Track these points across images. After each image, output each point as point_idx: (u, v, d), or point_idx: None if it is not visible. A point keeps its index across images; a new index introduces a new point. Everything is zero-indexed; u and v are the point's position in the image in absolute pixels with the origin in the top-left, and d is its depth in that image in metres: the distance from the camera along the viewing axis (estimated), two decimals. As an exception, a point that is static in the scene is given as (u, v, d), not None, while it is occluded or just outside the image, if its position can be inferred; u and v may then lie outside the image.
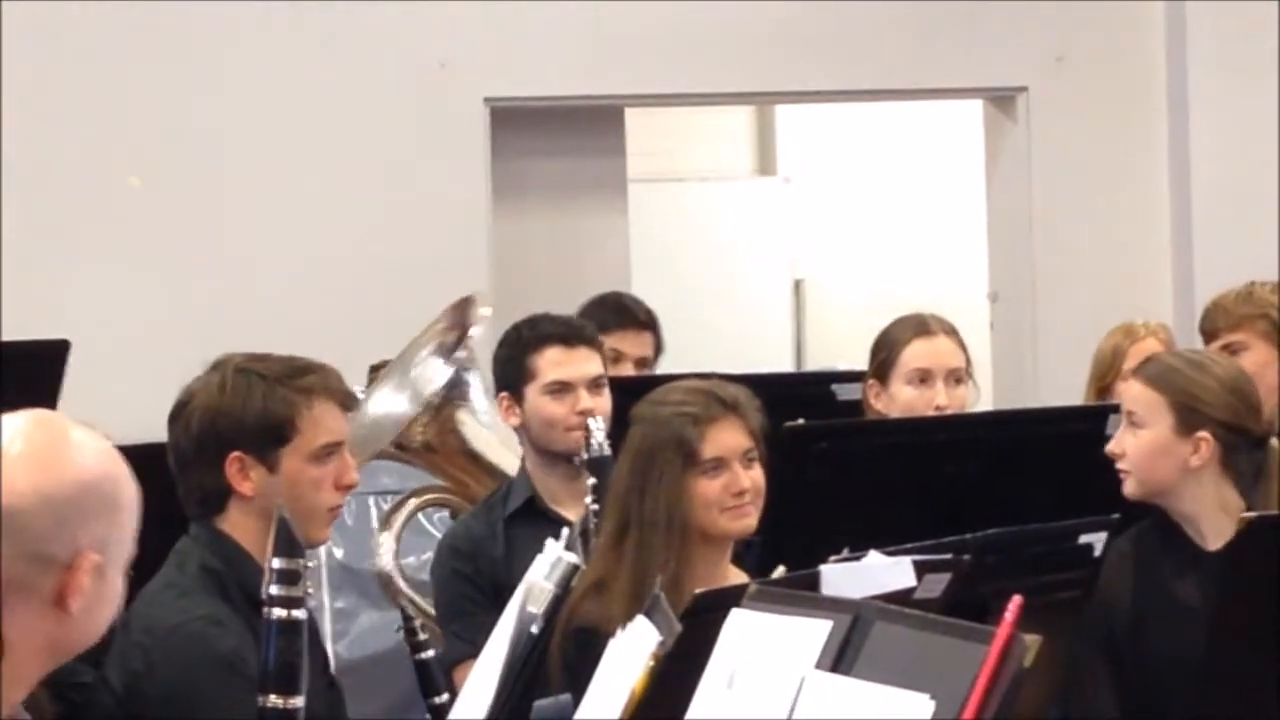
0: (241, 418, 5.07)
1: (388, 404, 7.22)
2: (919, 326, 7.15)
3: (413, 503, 7.08)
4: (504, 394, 6.68)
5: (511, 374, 6.66)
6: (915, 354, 7.07)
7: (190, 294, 10.53)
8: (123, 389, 8.47)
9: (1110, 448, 5.83)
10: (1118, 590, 5.73)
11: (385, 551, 6.96)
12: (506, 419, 6.80)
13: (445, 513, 7.40)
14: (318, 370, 5.24)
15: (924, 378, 7.04)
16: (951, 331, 7.18)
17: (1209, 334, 7.40)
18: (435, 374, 6.84)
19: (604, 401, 6.47)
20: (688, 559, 5.50)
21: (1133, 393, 5.95)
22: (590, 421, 6.28)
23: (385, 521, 7.06)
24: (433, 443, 7.07)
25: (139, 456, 6.37)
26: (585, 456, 6.20)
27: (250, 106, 11.04)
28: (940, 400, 6.95)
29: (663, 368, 8.19)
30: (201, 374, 5.24)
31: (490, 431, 7.15)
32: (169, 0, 10.95)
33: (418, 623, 5.44)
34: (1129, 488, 5.82)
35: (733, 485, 5.57)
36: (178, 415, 5.21)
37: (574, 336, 6.73)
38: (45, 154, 10.81)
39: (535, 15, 11.32)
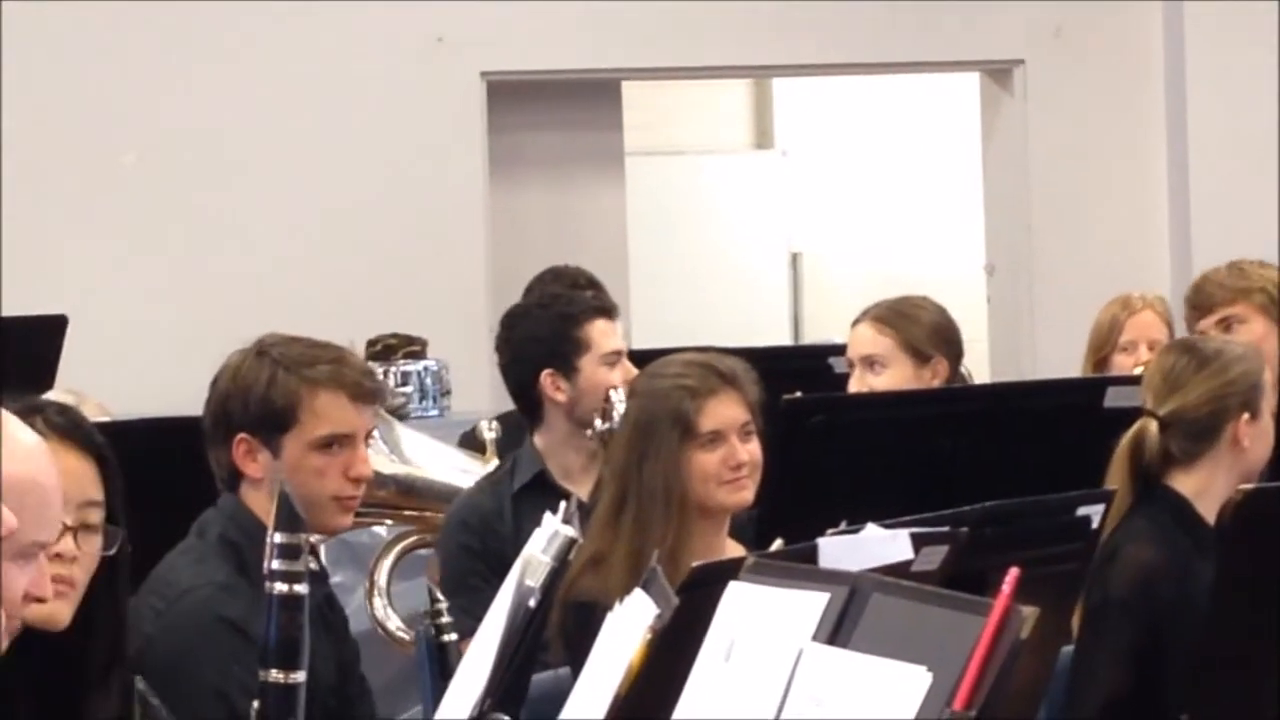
0: (246, 402, 5.13)
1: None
2: (861, 313, 7.23)
3: (393, 554, 7.07)
4: (548, 371, 6.62)
5: (559, 347, 6.63)
6: (850, 342, 7.18)
7: (188, 269, 10.55)
8: (122, 363, 8.47)
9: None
10: (1161, 573, 5.73)
11: (378, 607, 6.98)
12: (552, 395, 6.71)
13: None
14: (334, 360, 5.26)
15: (851, 366, 7.13)
16: (883, 318, 7.17)
17: (1204, 308, 7.34)
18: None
19: (619, 374, 6.50)
20: (685, 532, 5.49)
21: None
22: (613, 393, 6.32)
23: (370, 577, 7.05)
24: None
25: (140, 433, 6.44)
26: (605, 427, 6.23)
27: (248, 83, 11.05)
28: (855, 387, 7.07)
29: (659, 342, 8.17)
30: (239, 352, 5.27)
31: (421, 460, 7.17)
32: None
33: (443, 606, 5.45)
34: None
35: (730, 458, 5.57)
36: (209, 391, 5.27)
37: (610, 310, 6.78)
38: (44, 132, 10.83)
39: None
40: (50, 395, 5.70)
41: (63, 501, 3.03)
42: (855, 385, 7.02)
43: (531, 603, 4.30)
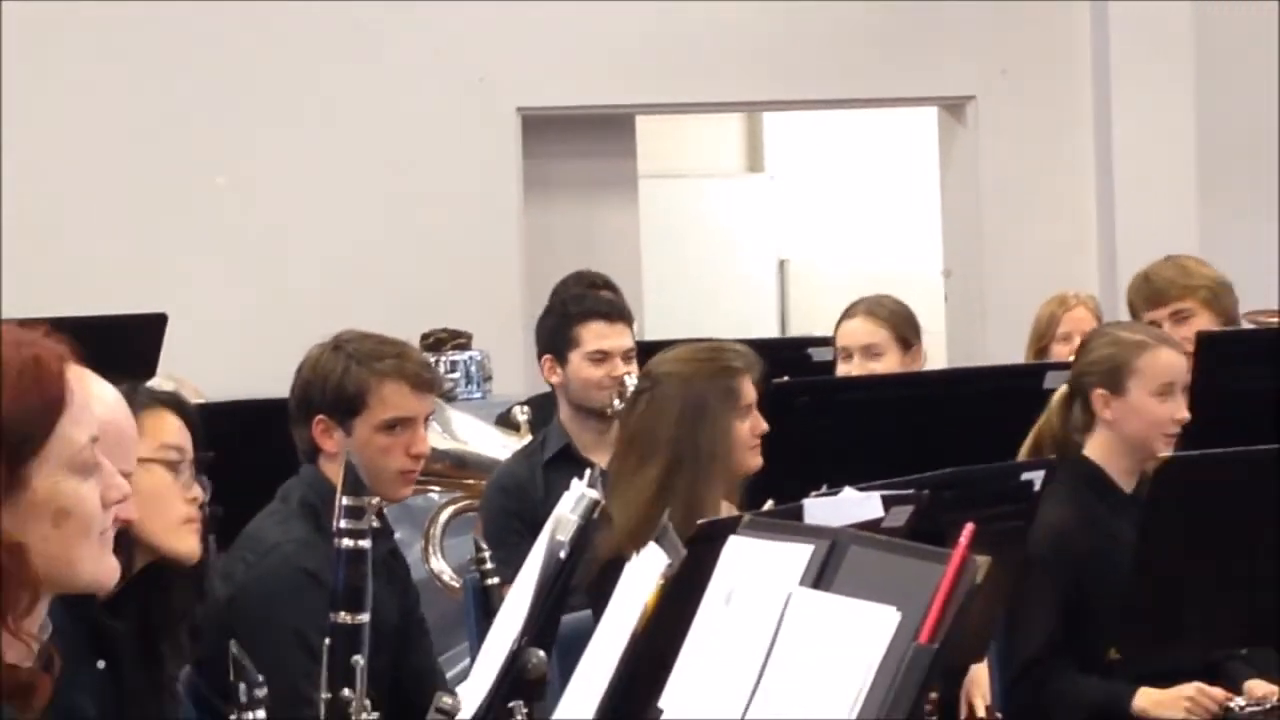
0: (324, 389, 5.22)
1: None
2: (849, 309, 7.25)
3: (444, 515, 7.09)
4: (548, 356, 6.68)
5: (557, 340, 6.65)
6: (841, 333, 7.19)
7: (272, 274, 10.54)
8: (217, 353, 8.46)
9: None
10: (1072, 524, 5.72)
11: (432, 559, 7.01)
12: (547, 377, 6.81)
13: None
14: (397, 355, 5.33)
15: (846, 352, 7.13)
16: (874, 312, 7.21)
17: (1156, 302, 7.22)
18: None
19: (634, 367, 6.48)
20: (721, 492, 5.55)
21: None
22: (626, 378, 6.34)
23: (426, 534, 7.08)
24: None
25: (231, 413, 6.43)
26: (621, 407, 6.22)
27: (321, 117, 11.05)
28: (856, 372, 7.05)
29: (667, 335, 8.18)
30: (318, 346, 5.35)
31: (468, 437, 7.18)
32: (254, 31, 10.95)
33: (488, 556, 5.47)
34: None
35: (756, 427, 5.63)
36: (294, 379, 5.34)
37: (614, 313, 6.77)
38: (154, 158, 10.81)
39: (559, 38, 11.31)
40: (152, 382, 5.73)
41: (138, 441, 3.27)
42: (856, 370, 7.02)
43: (562, 554, 4.30)
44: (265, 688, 3.30)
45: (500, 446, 7.09)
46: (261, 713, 3.33)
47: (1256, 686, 5.68)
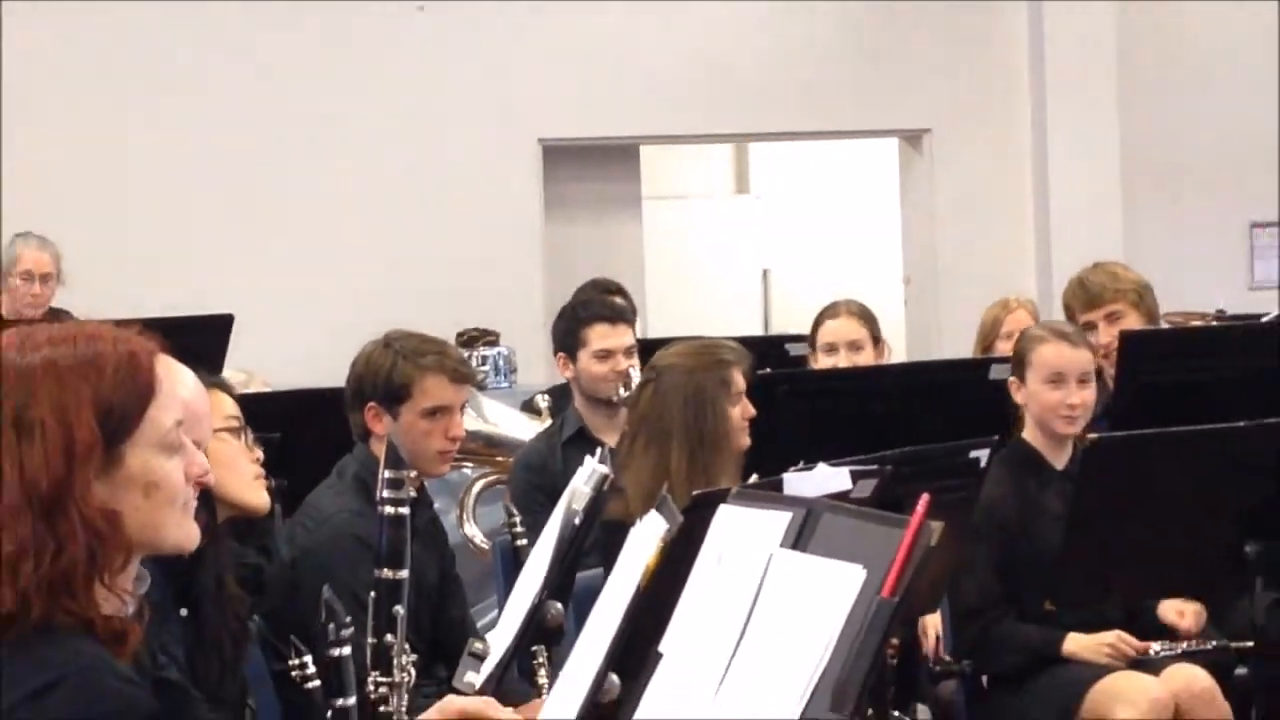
0: (375, 381, 5.23)
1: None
2: (831, 310, 7.24)
3: (476, 487, 7.11)
4: (561, 354, 6.69)
5: (568, 341, 6.65)
6: (826, 331, 7.17)
7: (330, 282, 10.56)
8: (282, 348, 8.46)
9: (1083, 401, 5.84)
10: (1001, 499, 5.73)
11: (466, 525, 7.03)
12: (562, 372, 6.82)
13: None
14: (438, 351, 5.34)
15: (831, 347, 7.12)
16: (856, 312, 7.23)
17: (1093, 304, 7.10)
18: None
19: (635, 361, 6.49)
20: (720, 469, 5.56)
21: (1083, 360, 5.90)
22: (631, 372, 6.35)
23: (460, 503, 7.11)
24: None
25: (294, 400, 6.41)
26: (626, 395, 6.26)
27: (374, 146, 11.05)
28: (843, 363, 7.05)
29: (667, 332, 8.20)
30: (370, 343, 5.38)
31: (498, 420, 7.18)
32: (324, 73, 10.96)
33: (518, 522, 5.50)
34: (1080, 427, 5.82)
35: (746, 412, 5.64)
36: (349, 371, 5.38)
37: (616, 316, 6.77)
38: (233, 178, 10.82)
39: (574, 81, 11.32)
40: (226, 374, 5.78)
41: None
42: (843, 361, 7.04)
43: (576, 521, 4.30)
44: (351, 628, 3.31)
45: (525, 429, 7.11)
46: (348, 649, 3.36)
47: (1169, 611, 5.72)
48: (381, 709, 3.27)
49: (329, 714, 3.35)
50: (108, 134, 10.66)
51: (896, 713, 5.46)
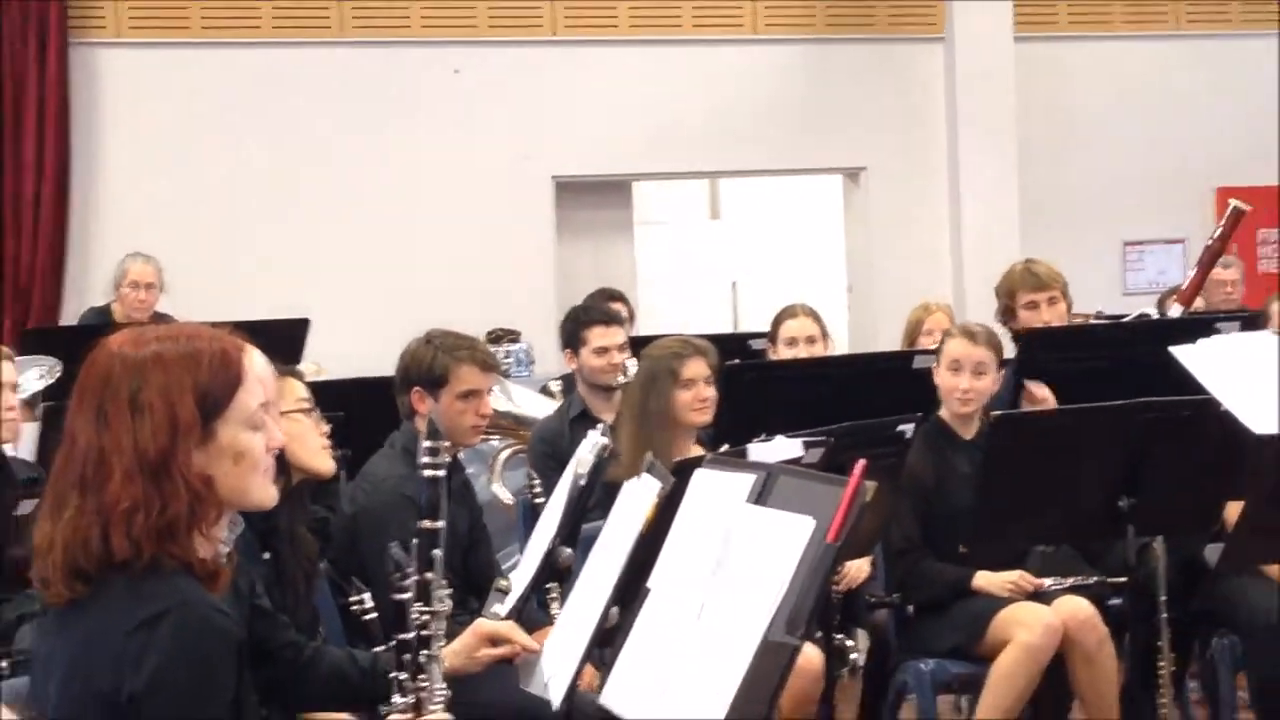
0: (419, 369, 5.26)
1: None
2: (789, 311, 7.27)
3: (502, 456, 7.12)
4: (567, 350, 6.73)
5: (571, 340, 6.70)
6: (788, 328, 7.18)
7: (385, 290, 10.55)
8: (345, 342, 8.46)
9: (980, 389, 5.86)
10: (922, 464, 5.74)
11: (494, 486, 7.05)
12: (568, 364, 6.87)
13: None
14: (470, 346, 5.36)
15: (792, 340, 7.13)
16: (809, 313, 7.24)
17: (1039, 288, 7.03)
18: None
19: (628, 354, 6.51)
20: (675, 440, 5.60)
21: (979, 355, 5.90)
22: (626, 363, 6.38)
23: (490, 468, 7.13)
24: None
25: (355, 386, 6.43)
26: (622, 381, 6.29)
27: (421, 182, 11.04)
28: (802, 354, 7.06)
29: (655, 331, 8.20)
30: (415, 340, 5.39)
31: (520, 402, 7.20)
32: (379, 131, 10.96)
33: (537, 483, 5.53)
34: (972, 409, 5.85)
35: (699, 395, 5.67)
36: (398, 362, 5.38)
37: (610, 320, 6.80)
38: (303, 201, 10.82)
39: (580, 129, 11.30)
40: (300, 367, 5.81)
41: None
42: (803, 353, 7.06)
43: (581, 482, 4.31)
44: (413, 576, 3.32)
45: (541, 408, 7.12)
46: (409, 593, 3.35)
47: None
48: (424, 633, 3.28)
49: (391, 643, 3.36)
50: (204, 172, 10.65)
51: (840, 635, 5.49)
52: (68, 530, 2.59)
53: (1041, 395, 6.05)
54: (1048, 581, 5.66)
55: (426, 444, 3.39)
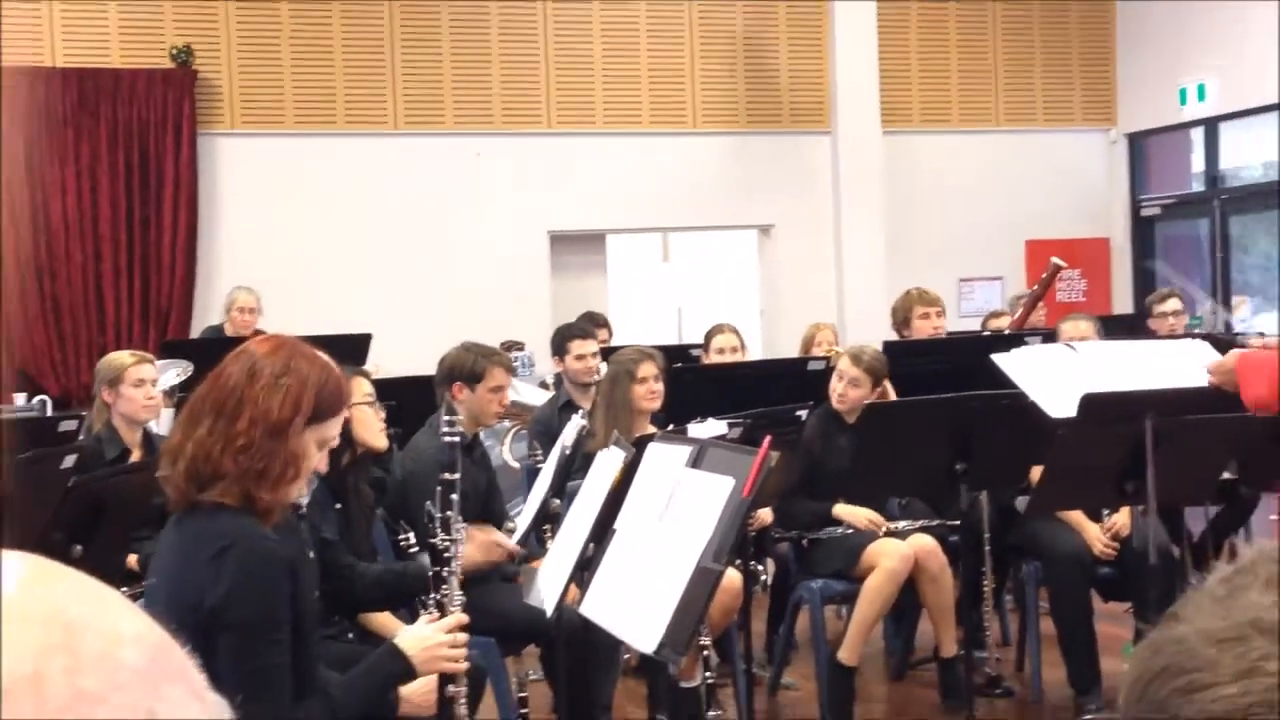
0: (461, 369, 5.17)
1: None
2: (718, 328, 7.23)
3: (511, 433, 7.10)
4: (556, 356, 6.69)
5: (559, 350, 6.65)
6: (717, 341, 7.09)
7: (428, 314, 10.46)
8: (398, 346, 8.43)
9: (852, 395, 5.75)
10: (814, 440, 5.75)
11: (505, 453, 7.03)
12: (556, 367, 6.79)
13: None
14: (498, 354, 5.34)
15: (720, 350, 7.05)
16: (733, 330, 7.19)
17: (931, 304, 7.07)
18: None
19: (599, 360, 6.50)
20: (635, 422, 5.54)
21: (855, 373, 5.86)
22: (601, 366, 6.31)
23: (502, 441, 7.11)
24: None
25: (405, 383, 6.38)
26: (596, 379, 6.24)
27: (450, 234, 11.00)
28: (727, 360, 6.98)
29: (620, 343, 8.19)
30: (454, 348, 5.31)
31: (524, 394, 7.18)
32: (421, 197, 10.94)
33: (537, 452, 5.55)
34: (847, 407, 5.74)
35: (651, 389, 5.63)
36: (439, 364, 5.30)
37: (587, 335, 6.78)
38: (366, 248, 10.79)
39: (569, 195, 11.28)
40: (365, 368, 5.76)
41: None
42: (729, 359, 7.00)
43: (566, 453, 4.33)
44: (438, 515, 3.30)
45: (538, 399, 7.09)
46: (463, 546, 3.35)
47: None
48: (446, 554, 3.27)
49: (430, 575, 3.36)
50: (293, 227, 10.62)
51: (753, 563, 5.50)
52: (197, 444, 2.60)
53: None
54: (903, 524, 5.67)
55: (445, 419, 3.40)
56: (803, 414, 5.60)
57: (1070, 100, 12.61)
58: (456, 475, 3.35)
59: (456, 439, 3.38)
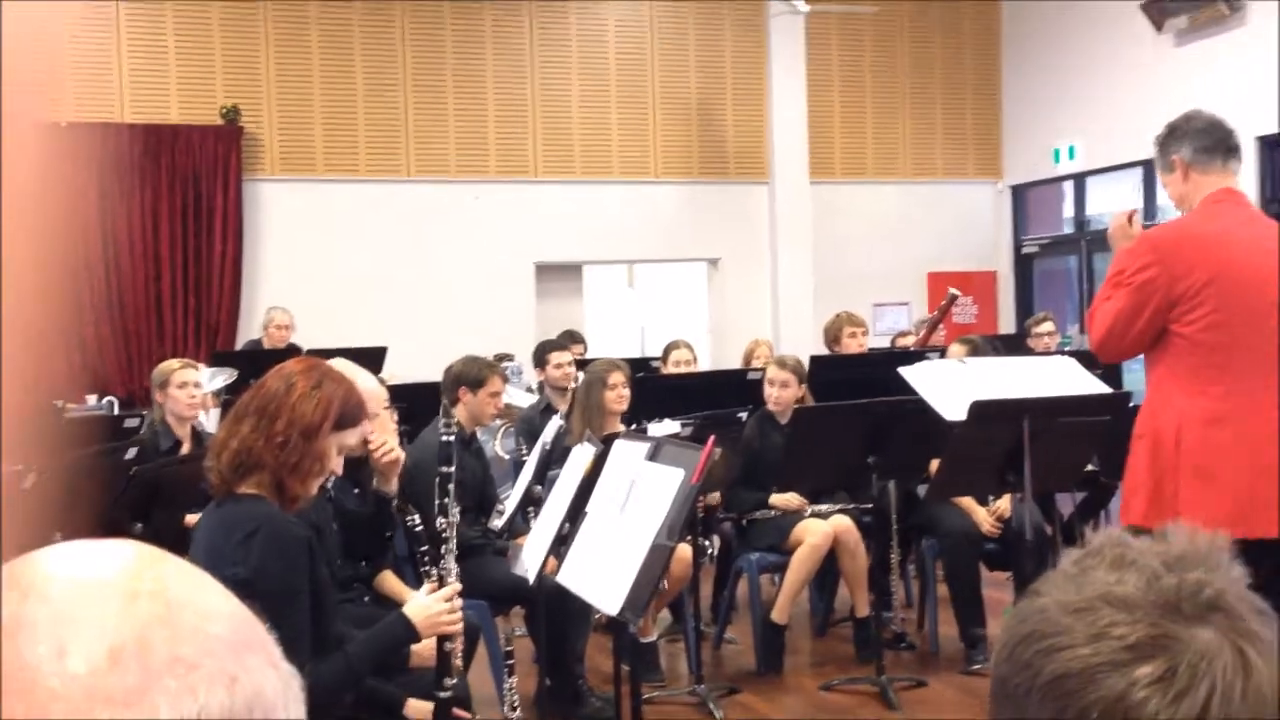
0: (466, 375, 5.12)
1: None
2: (675, 344, 7.20)
3: (501, 429, 6.99)
4: (538, 367, 6.64)
5: (541, 360, 6.60)
6: (674, 355, 7.08)
7: (435, 331, 10.40)
8: (407, 362, 8.37)
9: (785, 396, 5.71)
10: (752, 438, 5.74)
11: (496, 447, 6.97)
12: (539, 376, 6.73)
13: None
14: (494, 365, 5.29)
15: (676, 363, 7.04)
16: (687, 346, 7.16)
17: (857, 325, 7.00)
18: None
19: (575, 370, 6.46)
20: (605, 422, 5.50)
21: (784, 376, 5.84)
22: (578, 374, 6.26)
23: (495, 437, 7.04)
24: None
25: (415, 389, 6.34)
26: (573, 387, 6.20)
27: (451, 265, 10.94)
28: (682, 371, 6.98)
29: (594, 355, 8.16)
30: (459, 359, 5.25)
31: (513, 397, 7.14)
32: (427, 235, 10.88)
33: (524, 448, 5.50)
34: (782, 407, 5.69)
35: (619, 395, 5.57)
36: (445, 372, 5.22)
37: (564, 348, 6.74)
38: (386, 278, 10.71)
39: (552, 231, 11.25)
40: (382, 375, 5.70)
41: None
42: (683, 370, 6.98)
43: (547, 447, 4.30)
44: (459, 517, 3.28)
45: (524, 401, 7.06)
46: (437, 511, 3.29)
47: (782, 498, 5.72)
48: (444, 535, 3.25)
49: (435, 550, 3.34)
50: (323, 259, 10.56)
51: (702, 539, 5.50)
52: (241, 440, 2.60)
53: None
54: (824, 506, 5.68)
55: (443, 421, 3.39)
56: (743, 416, 5.60)
57: (965, 157, 12.68)
58: (453, 468, 3.33)
59: (453, 437, 3.37)
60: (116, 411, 8.38)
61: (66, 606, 0.57)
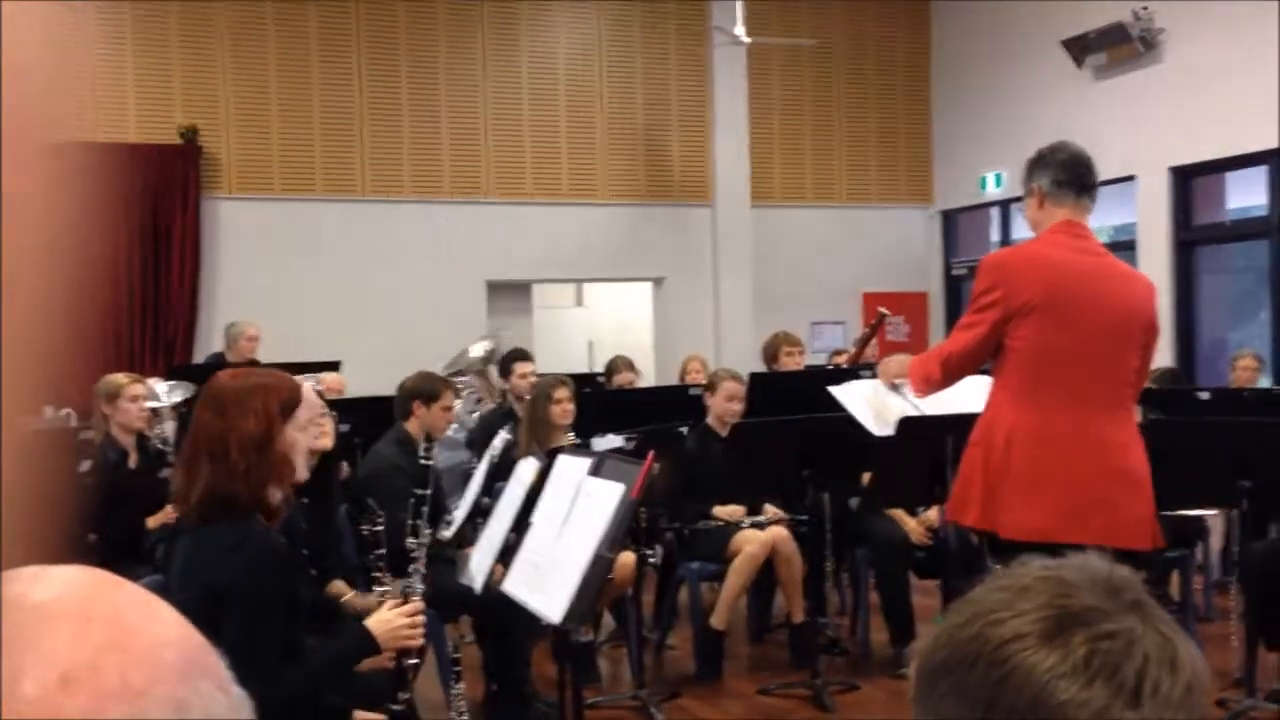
0: (420, 390, 5.12)
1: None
2: (618, 361, 7.22)
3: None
4: (503, 376, 6.67)
5: (505, 371, 6.65)
6: (621, 378, 7.11)
7: (384, 345, 10.29)
8: (360, 377, 8.31)
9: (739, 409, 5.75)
10: (693, 451, 5.76)
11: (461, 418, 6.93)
12: (503, 384, 6.77)
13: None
14: (447, 381, 5.32)
15: (621, 379, 7.07)
16: (630, 366, 7.19)
17: (795, 344, 6.99)
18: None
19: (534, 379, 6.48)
20: (551, 436, 5.51)
21: (741, 391, 5.83)
22: (532, 385, 6.26)
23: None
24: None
25: (368, 402, 6.30)
26: (528, 399, 6.19)
27: (408, 283, 10.87)
28: (625, 386, 7.01)
29: (542, 371, 8.16)
30: (413, 374, 5.23)
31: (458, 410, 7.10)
32: (384, 251, 10.81)
33: (474, 460, 5.50)
34: (736, 419, 5.69)
35: (564, 409, 5.59)
36: (399, 388, 5.20)
37: (527, 358, 6.77)
38: (342, 295, 10.63)
39: (503, 250, 11.22)
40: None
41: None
42: (627, 385, 6.99)
43: (494, 460, 4.30)
44: (408, 522, 3.22)
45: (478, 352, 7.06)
46: (412, 540, 3.27)
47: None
48: (413, 554, 3.23)
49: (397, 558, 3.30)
50: (280, 276, 10.46)
51: (645, 548, 5.52)
52: (206, 485, 2.57)
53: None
54: (763, 518, 5.72)
55: (424, 446, 3.37)
56: (684, 430, 5.63)
57: (897, 183, 12.83)
58: (429, 491, 3.33)
59: (433, 463, 3.37)
60: (74, 423, 8.26)
61: (20, 633, 0.57)
